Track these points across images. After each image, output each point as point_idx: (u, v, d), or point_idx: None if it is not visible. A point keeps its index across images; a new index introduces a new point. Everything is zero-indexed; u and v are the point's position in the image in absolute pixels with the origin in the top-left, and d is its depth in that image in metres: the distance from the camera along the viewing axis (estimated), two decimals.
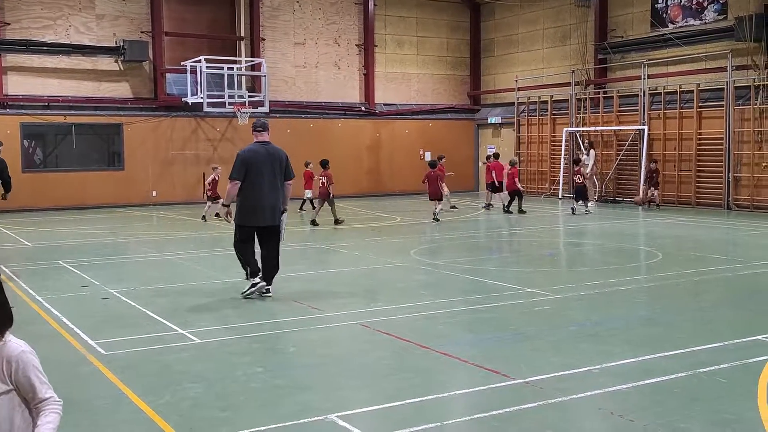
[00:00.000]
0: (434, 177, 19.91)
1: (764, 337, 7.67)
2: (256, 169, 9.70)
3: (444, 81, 31.28)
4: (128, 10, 25.14)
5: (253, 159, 9.75)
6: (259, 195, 9.72)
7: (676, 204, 23.44)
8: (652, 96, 24.54)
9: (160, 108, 25.51)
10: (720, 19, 22.85)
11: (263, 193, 9.72)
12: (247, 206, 9.80)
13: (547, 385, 6.17)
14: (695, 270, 11.98)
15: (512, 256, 14.62)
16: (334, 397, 6.01)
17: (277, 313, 9.15)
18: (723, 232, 17.58)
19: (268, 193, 9.75)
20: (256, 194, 9.71)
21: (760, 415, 5.48)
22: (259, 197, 9.72)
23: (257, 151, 9.84)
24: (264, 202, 9.75)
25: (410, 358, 7.09)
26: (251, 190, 9.71)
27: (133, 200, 24.92)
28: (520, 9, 29.60)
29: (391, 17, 29.89)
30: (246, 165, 9.72)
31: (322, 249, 14.95)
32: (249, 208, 9.79)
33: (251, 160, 9.74)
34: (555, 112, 27.93)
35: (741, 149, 22.09)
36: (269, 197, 9.76)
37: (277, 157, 9.86)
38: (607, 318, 8.71)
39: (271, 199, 9.77)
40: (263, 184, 9.73)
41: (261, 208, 9.76)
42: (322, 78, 28.61)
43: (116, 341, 7.76)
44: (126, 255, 14.69)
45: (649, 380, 6.28)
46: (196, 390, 6.20)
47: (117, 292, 10.35)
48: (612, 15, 26.21)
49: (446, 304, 9.47)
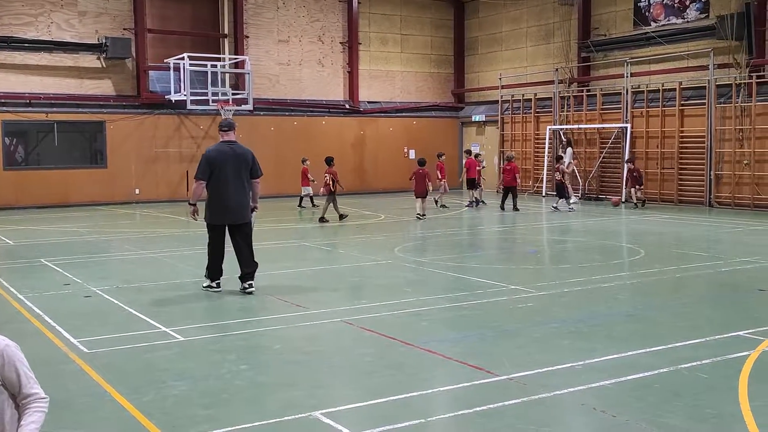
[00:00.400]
0: (422, 175, 19.95)
1: (745, 332, 7.74)
2: (221, 169, 9.85)
3: (428, 79, 31.31)
4: (111, 7, 24.99)
5: (217, 159, 9.90)
6: (226, 194, 9.89)
7: (658, 201, 23.60)
8: (634, 94, 24.68)
9: (143, 105, 25.39)
10: (702, 17, 23.01)
11: (229, 192, 9.89)
12: (215, 205, 9.98)
13: (530, 381, 6.20)
14: (677, 267, 12.07)
15: (496, 254, 14.67)
16: (318, 394, 6.02)
17: (261, 310, 9.14)
18: (704, 230, 17.72)
19: (234, 192, 9.91)
20: (222, 193, 9.89)
21: (741, 409, 5.53)
22: (225, 196, 9.90)
23: (222, 151, 9.99)
24: (230, 201, 9.92)
25: (394, 355, 7.10)
26: (217, 189, 9.90)
27: (116, 198, 24.79)
28: (503, 7, 29.68)
29: (375, 15, 29.88)
30: (210, 165, 9.88)
31: (307, 246, 14.94)
32: (216, 207, 9.97)
33: (215, 160, 9.89)
34: (539, 110, 28.04)
35: (722, 147, 22.27)
36: (236, 196, 9.94)
37: (242, 157, 10.00)
38: (589, 314, 8.76)
39: (237, 198, 9.95)
40: (229, 184, 9.88)
41: (228, 207, 9.94)
42: (306, 76, 28.57)
43: (99, 339, 7.73)
44: (109, 253, 14.62)
45: (632, 376, 6.33)
46: (180, 388, 6.18)
47: (100, 290, 10.30)
48: (595, 13, 26.33)
49: (430, 302, 9.49)
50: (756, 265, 12.08)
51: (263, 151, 27.10)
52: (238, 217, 10.01)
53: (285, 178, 27.39)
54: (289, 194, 26.93)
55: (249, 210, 10.11)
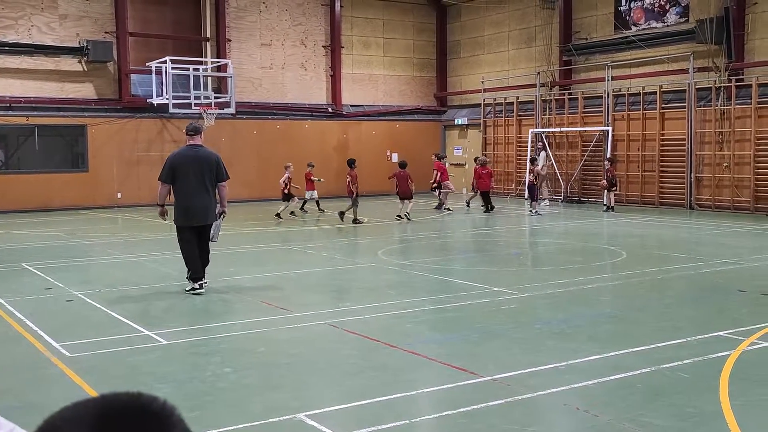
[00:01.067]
0: (404, 177, 20.08)
1: (725, 333, 7.82)
2: (184, 172, 10.12)
3: (411, 82, 31.37)
4: (92, 10, 24.86)
5: (179, 162, 10.20)
6: (188, 196, 10.14)
7: (639, 204, 23.76)
8: (615, 97, 24.85)
9: (125, 109, 25.26)
10: (681, 21, 23.22)
11: (191, 194, 10.13)
12: (180, 207, 10.25)
13: (514, 382, 6.24)
14: (658, 268, 12.17)
15: (479, 256, 14.72)
16: (303, 396, 6.02)
17: (245, 313, 9.13)
18: (685, 231, 17.87)
19: (196, 195, 10.15)
20: (185, 196, 10.16)
21: (722, 408, 5.59)
22: (188, 198, 10.15)
23: (185, 155, 10.29)
24: (193, 203, 10.16)
25: (378, 357, 7.11)
26: (181, 191, 10.18)
27: (97, 202, 24.64)
28: (485, 11, 29.80)
29: (357, 18, 29.92)
30: (173, 168, 10.19)
31: (290, 250, 14.93)
32: (181, 209, 10.23)
33: (177, 164, 10.19)
34: (521, 113, 28.16)
35: (702, 150, 22.47)
36: (198, 198, 10.16)
37: (205, 160, 10.24)
38: (572, 316, 8.81)
39: (200, 200, 10.19)
40: (191, 186, 10.12)
41: (191, 209, 10.18)
42: (289, 79, 28.54)
43: (81, 343, 7.68)
44: (91, 257, 14.53)
45: (614, 376, 6.38)
46: (164, 391, 6.16)
47: (82, 294, 10.24)
48: (576, 17, 26.50)
49: (414, 304, 9.52)
50: (736, 266, 12.20)
51: (246, 155, 27.14)
52: (201, 219, 10.26)
53: (268, 182, 27.34)
54: (272, 198, 26.92)
55: (213, 212, 10.35)
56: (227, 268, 12.24)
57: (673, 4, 23.48)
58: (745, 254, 13.65)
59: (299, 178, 22.25)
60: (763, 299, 9.69)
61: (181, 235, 10.35)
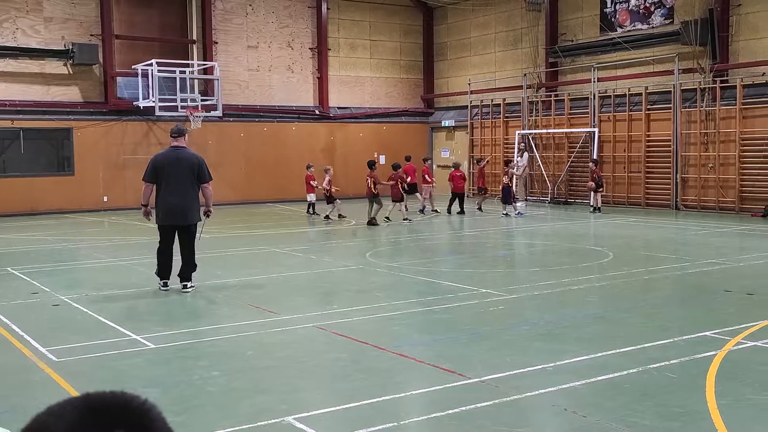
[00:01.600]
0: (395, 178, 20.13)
1: (711, 333, 7.86)
2: (166, 173, 10.37)
3: (398, 84, 31.40)
4: (77, 13, 24.74)
5: (162, 163, 10.46)
6: (169, 197, 10.38)
7: (626, 205, 23.87)
8: (601, 99, 24.96)
9: (111, 112, 25.15)
10: (667, 23, 23.35)
11: (173, 194, 10.36)
12: (160, 207, 10.51)
13: (502, 384, 6.25)
14: (645, 269, 12.23)
15: (467, 258, 14.74)
16: (291, 399, 6.01)
17: (233, 316, 9.10)
18: (671, 232, 17.96)
19: (177, 195, 10.37)
20: (166, 196, 10.41)
21: (708, 407, 5.62)
22: (169, 199, 10.40)
23: (167, 156, 10.57)
24: (173, 204, 10.41)
25: (366, 360, 7.11)
26: (162, 192, 10.42)
27: (84, 206, 24.52)
28: (472, 13, 29.86)
29: (344, 21, 29.92)
30: (155, 168, 10.47)
31: (278, 253, 14.90)
32: (162, 209, 10.50)
33: (160, 164, 10.45)
34: (507, 114, 28.24)
35: (688, 151, 22.59)
36: (179, 199, 10.39)
37: (186, 161, 10.45)
38: (560, 317, 8.84)
39: (181, 201, 10.41)
40: (173, 187, 10.35)
41: (171, 209, 10.43)
42: (276, 81, 28.50)
43: (68, 348, 7.64)
44: (77, 261, 14.46)
45: (602, 377, 6.40)
46: (152, 395, 6.06)
47: (68, 299, 10.19)
48: (562, 19, 26.60)
49: (402, 306, 9.52)
50: (722, 267, 12.28)
51: (232, 158, 27.08)
52: (181, 219, 10.50)
53: (255, 185, 27.33)
54: (259, 200, 26.88)
55: (195, 213, 10.58)
56: (214, 271, 12.21)
57: (658, 5, 23.61)
58: (731, 254, 13.74)
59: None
60: (749, 299, 9.75)
61: (160, 233, 10.69)
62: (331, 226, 19.52)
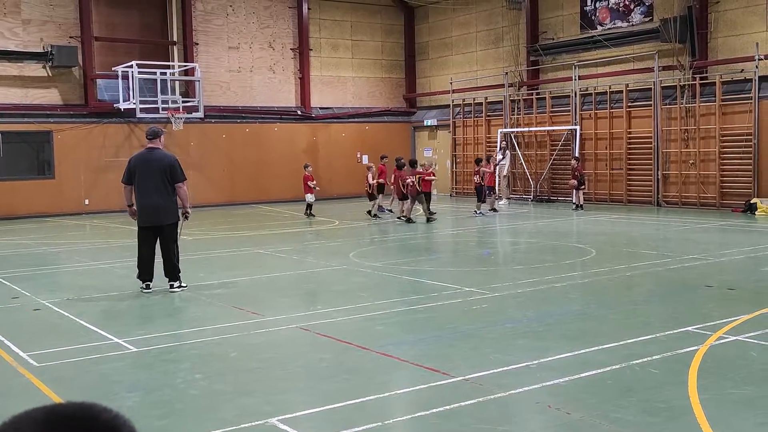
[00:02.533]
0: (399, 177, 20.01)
1: (693, 328, 7.91)
2: (139, 174, 10.61)
3: (379, 84, 31.39)
4: (56, 15, 24.55)
5: (136, 164, 10.71)
6: (142, 197, 10.61)
7: (608, 202, 23.99)
8: (583, 96, 25.06)
9: (92, 114, 24.97)
10: (646, 21, 23.48)
11: (147, 195, 10.57)
12: (138, 208, 10.72)
13: (486, 382, 6.25)
14: (627, 265, 12.29)
15: (450, 257, 14.75)
16: (275, 401, 5.99)
17: (216, 318, 9.06)
18: (653, 228, 18.06)
19: (150, 195, 10.56)
20: (141, 196, 10.64)
21: (690, 402, 5.66)
22: (142, 199, 10.62)
23: (141, 157, 10.80)
24: (147, 204, 10.61)
25: (350, 360, 7.10)
26: (137, 192, 10.67)
27: (64, 209, 24.33)
28: (453, 12, 29.90)
29: (325, 21, 29.87)
30: (130, 170, 10.74)
31: (261, 254, 14.85)
32: (138, 209, 10.72)
33: (133, 166, 10.71)
34: (489, 113, 28.29)
35: (669, 147, 22.74)
36: (153, 199, 10.56)
37: (157, 162, 10.63)
38: (543, 314, 8.86)
39: (155, 201, 10.60)
40: (146, 187, 10.57)
41: (146, 209, 10.64)
42: (257, 82, 28.41)
43: (49, 352, 7.58)
44: (58, 265, 14.35)
45: (585, 373, 6.42)
46: (134, 399, 6.10)
47: (49, 303, 10.11)
48: (543, 17, 26.68)
49: (385, 305, 9.51)
50: (703, 262, 12.36)
51: (215, 159, 26.98)
52: (156, 219, 10.65)
53: (237, 186, 27.24)
54: (241, 202, 26.79)
55: (170, 213, 10.69)
56: (197, 273, 12.15)
57: (638, 3, 23.74)
58: (712, 250, 13.84)
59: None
60: (730, 294, 9.82)
61: (139, 234, 10.87)
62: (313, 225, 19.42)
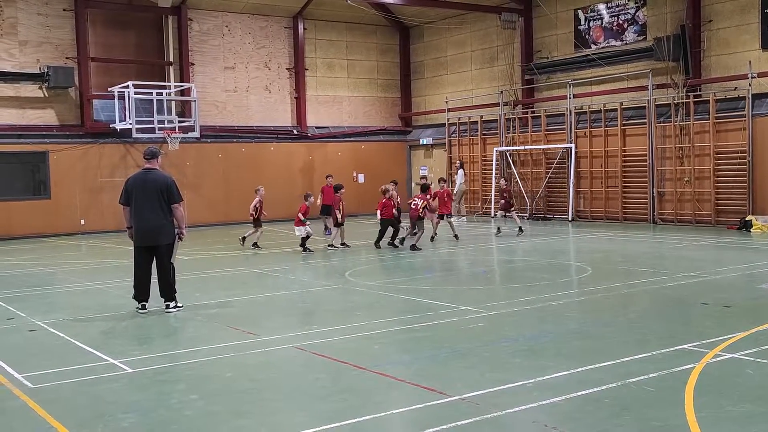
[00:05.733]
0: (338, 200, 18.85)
1: (689, 346, 7.91)
2: (136, 194, 10.71)
3: (375, 103, 31.50)
4: (52, 36, 24.64)
5: (132, 185, 10.81)
6: (139, 217, 10.68)
7: (603, 219, 24.04)
8: (578, 115, 25.17)
9: (88, 135, 25.01)
10: (640, 39, 23.64)
11: (142, 215, 10.64)
12: (134, 228, 10.78)
13: (482, 401, 6.24)
14: (623, 283, 12.29)
15: (446, 275, 14.75)
16: (270, 422, 5.97)
17: (211, 339, 9.03)
18: (649, 246, 18.08)
19: (146, 216, 10.63)
20: (137, 217, 10.71)
21: (687, 421, 5.65)
22: (138, 219, 10.69)
23: (137, 178, 10.88)
24: (143, 224, 10.66)
25: (346, 380, 7.08)
26: (134, 213, 10.73)
27: (60, 229, 24.31)
28: (448, 31, 30.08)
29: (321, 41, 30.02)
30: (127, 190, 10.84)
31: (257, 273, 14.84)
32: (135, 229, 10.77)
33: (130, 187, 10.83)
34: (485, 132, 28.39)
35: (664, 165, 22.82)
36: (147, 220, 10.63)
37: (153, 183, 10.70)
38: (539, 332, 8.86)
39: (150, 222, 10.63)
40: (142, 208, 10.65)
41: (141, 229, 10.69)
42: (253, 102, 28.51)
43: (44, 374, 7.55)
44: (54, 285, 14.31)
45: (582, 392, 6.41)
46: (129, 420, 6.07)
47: (45, 324, 10.08)
48: (537, 36, 26.84)
49: (381, 325, 9.50)
50: (699, 280, 12.37)
51: (211, 179, 27.00)
52: (151, 240, 10.69)
53: (233, 205, 27.21)
54: (238, 221, 26.76)
55: (166, 234, 10.71)
56: (193, 293, 12.13)
57: (631, 22, 23.91)
58: (708, 267, 13.85)
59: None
60: (726, 311, 9.83)
61: (135, 254, 10.92)
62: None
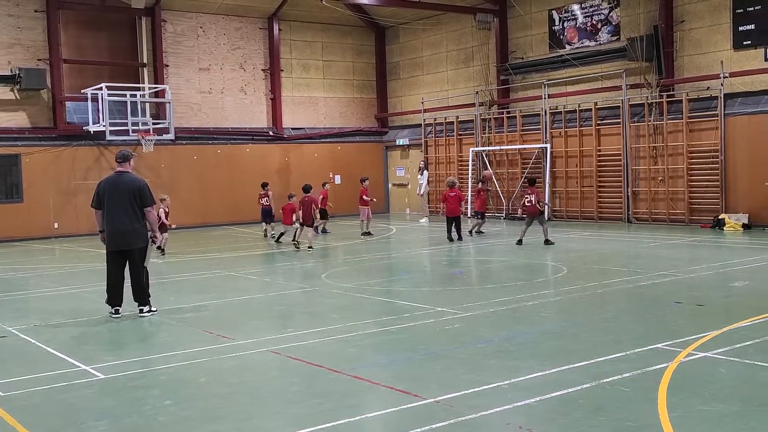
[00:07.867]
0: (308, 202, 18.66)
1: (663, 345, 7.96)
2: (107, 198, 10.58)
3: (351, 104, 31.47)
4: (24, 38, 24.36)
5: (104, 188, 10.67)
6: (111, 221, 10.55)
7: (579, 219, 24.18)
8: (553, 115, 25.31)
9: (61, 137, 24.75)
10: (613, 40, 23.80)
11: (114, 219, 10.52)
12: (106, 232, 10.64)
13: (457, 403, 6.24)
14: (598, 282, 12.36)
15: (422, 276, 14.75)
16: (245, 427, 5.92)
17: (186, 343, 8.96)
18: (624, 245, 18.20)
19: (118, 220, 10.51)
20: (108, 220, 10.58)
21: (660, 420, 5.68)
22: (110, 223, 10.55)
23: (110, 181, 10.74)
24: (115, 228, 10.53)
25: (321, 383, 7.05)
26: (106, 216, 10.60)
27: (33, 233, 24.04)
28: (423, 32, 30.12)
29: (296, 42, 29.93)
30: (98, 194, 10.70)
31: (232, 276, 14.75)
32: (107, 233, 10.63)
33: (101, 190, 10.68)
34: (461, 132, 28.45)
35: (638, 164, 22.99)
36: (120, 223, 10.51)
37: (125, 186, 10.59)
38: (515, 333, 8.88)
39: (122, 225, 10.51)
40: (113, 211, 10.52)
41: (113, 233, 10.56)
42: (229, 103, 28.37)
43: (15, 381, 7.44)
44: (26, 290, 14.14)
45: (556, 393, 6.42)
46: (101, 427, 6.00)
47: (15, 330, 9.95)
48: (512, 37, 26.95)
49: (357, 327, 9.48)
50: (672, 278, 12.47)
51: (186, 181, 26.82)
52: (123, 243, 10.56)
53: (210, 207, 27.09)
54: (214, 223, 26.65)
55: (138, 237, 10.59)
56: (168, 297, 12.04)
57: (605, 23, 24.06)
58: (681, 266, 13.97)
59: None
60: (699, 310, 9.91)
61: (107, 258, 10.75)
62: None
